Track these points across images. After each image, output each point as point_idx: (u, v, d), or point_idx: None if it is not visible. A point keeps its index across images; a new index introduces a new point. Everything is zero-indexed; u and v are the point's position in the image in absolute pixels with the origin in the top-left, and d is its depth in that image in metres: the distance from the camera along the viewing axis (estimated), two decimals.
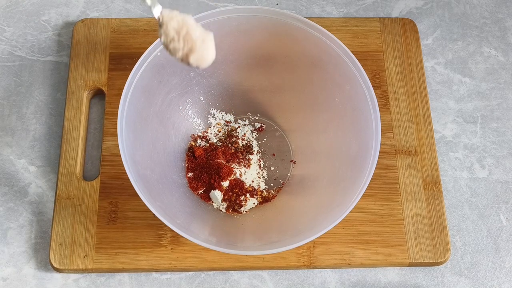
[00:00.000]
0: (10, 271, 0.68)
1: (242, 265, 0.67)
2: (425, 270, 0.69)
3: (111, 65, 0.76)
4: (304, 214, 0.65)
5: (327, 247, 0.67)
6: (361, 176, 0.59)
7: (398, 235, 0.68)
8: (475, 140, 0.76)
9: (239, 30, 0.65)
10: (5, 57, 0.79)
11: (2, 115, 0.76)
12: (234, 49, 0.68)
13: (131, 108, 0.61)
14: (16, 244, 0.69)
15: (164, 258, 0.67)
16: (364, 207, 0.69)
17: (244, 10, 0.64)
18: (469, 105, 0.78)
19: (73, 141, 0.72)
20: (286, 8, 0.84)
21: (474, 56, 0.81)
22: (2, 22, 0.81)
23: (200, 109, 0.72)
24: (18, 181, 0.72)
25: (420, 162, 0.72)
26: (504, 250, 0.70)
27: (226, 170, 0.68)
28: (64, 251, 0.67)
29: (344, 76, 0.64)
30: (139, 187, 0.57)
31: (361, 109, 0.62)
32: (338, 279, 0.68)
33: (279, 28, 0.65)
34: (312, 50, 0.65)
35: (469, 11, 0.84)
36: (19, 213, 0.70)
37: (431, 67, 0.80)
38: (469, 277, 0.69)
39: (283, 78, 0.71)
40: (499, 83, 0.79)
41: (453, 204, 0.72)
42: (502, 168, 0.74)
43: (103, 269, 0.66)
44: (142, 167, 0.62)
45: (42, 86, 0.78)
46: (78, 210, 0.69)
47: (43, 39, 0.81)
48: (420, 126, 0.74)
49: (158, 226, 0.67)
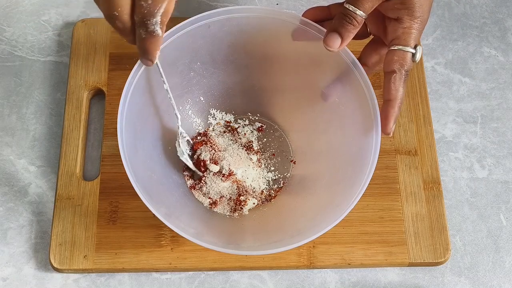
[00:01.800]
0: (10, 271, 0.68)
1: (242, 265, 0.67)
2: (425, 270, 0.69)
3: (111, 65, 0.76)
4: (304, 214, 0.65)
5: (327, 247, 0.67)
6: (361, 176, 0.59)
7: (398, 235, 0.68)
8: (475, 140, 0.76)
9: (239, 30, 0.65)
10: (5, 57, 0.79)
11: (2, 115, 0.76)
12: (234, 49, 0.68)
13: (131, 108, 0.61)
14: (16, 244, 0.69)
15: (164, 258, 0.67)
16: (364, 207, 0.69)
17: (244, 10, 0.64)
18: (469, 105, 0.78)
19: (73, 141, 0.72)
20: (286, 8, 0.84)
21: (474, 56, 0.81)
22: (2, 22, 0.81)
23: (200, 109, 0.72)
24: (18, 181, 0.72)
25: (420, 162, 0.72)
26: (504, 250, 0.70)
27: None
28: (64, 251, 0.67)
29: (344, 76, 0.64)
30: (139, 187, 0.57)
31: (361, 109, 0.62)
32: (338, 279, 0.68)
33: (279, 28, 0.65)
34: (312, 50, 0.65)
35: (469, 11, 0.84)
36: (19, 213, 0.70)
37: (431, 67, 0.80)
38: (469, 277, 0.69)
39: (283, 78, 0.70)
40: (499, 83, 0.79)
41: (453, 204, 0.72)
42: (502, 168, 0.74)
43: (103, 269, 0.66)
44: (142, 167, 0.62)
45: (42, 86, 0.78)
46: (78, 210, 0.69)
47: (43, 39, 0.81)
48: (420, 126, 0.74)
49: (158, 226, 0.67)
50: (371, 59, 0.64)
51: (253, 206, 0.69)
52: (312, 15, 0.64)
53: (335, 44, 0.59)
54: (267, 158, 0.72)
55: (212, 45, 0.66)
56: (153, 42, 0.54)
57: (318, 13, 0.65)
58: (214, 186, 0.68)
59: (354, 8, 0.58)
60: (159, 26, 0.52)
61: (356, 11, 0.58)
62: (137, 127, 0.62)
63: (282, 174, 0.71)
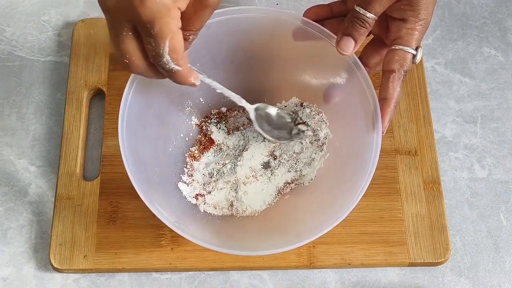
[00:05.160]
0: (10, 271, 0.68)
1: (242, 265, 0.67)
2: (425, 270, 0.69)
3: (111, 65, 0.76)
4: (304, 214, 0.65)
5: (327, 247, 0.67)
6: (361, 176, 0.59)
7: (398, 235, 0.68)
8: (475, 140, 0.76)
9: (239, 30, 0.65)
10: (5, 57, 0.79)
11: (2, 115, 0.76)
12: (234, 49, 0.68)
13: (131, 109, 0.61)
14: (16, 244, 0.69)
15: (164, 258, 0.67)
16: (364, 207, 0.69)
17: (244, 10, 0.64)
18: (469, 105, 0.78)
19: (73, 141, 0.72)
20: (286, 8, 0.84)
21: (474, 56, 0.81)
22: (2, 22, 0.81)
23: (200, 110, 0.72)
24: (18, 181, 0.72)
25: (420, 162, 0.72)
26: (504, 250, 0.70)
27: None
28: (64, 251, 0.67)
29: (345, 75, 0.64)
30: (139, 187, 0.57)
31: (362, 110, 0.62)
32: (338, 279, 0.68)
33: (279, 28, 0.65)
34: (313, 50, 0.65)
35: (469, 11, 0.84)
36: (19, 213, 0.70)
37: (431, 67, 0.80)
38: (469, 277, 0.69)
39: (283, 78, 0.70)
40: (499, 83, 0.79)
41: (453, 204, 0.72)
42: (502, 168, 0.74)
43: (103, 269, 0.66)
44: (142, 167, 0.62)
45: (42, 86, 0.78)
46: (78, 210, 0.69)
47: (43, 39, 0.81)
48: (420, 126, 0.74)
49: (158, 226, 0.67)
50: (372, 60, 0.64)
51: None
52: (313, 13, 0.64)
53: (349, 48, 0.59)
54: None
55: (211, 45, 0.66)
56: (178, 76, 0.53)
57: (320, 12, 0.65)
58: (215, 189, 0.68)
59: (364, 11, 0.58)
60: (172, 64, 0.51)
61: (367, 14, 0.58)
62: (137, 127, 0.62)
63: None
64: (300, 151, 0.69)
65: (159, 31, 0.48)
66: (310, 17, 0.64)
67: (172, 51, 0.50)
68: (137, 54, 0.51)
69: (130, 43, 0.50)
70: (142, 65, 0.52)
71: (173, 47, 0.49)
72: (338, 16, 0.65)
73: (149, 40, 0.49)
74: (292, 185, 0.69)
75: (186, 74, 0.53)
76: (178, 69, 0.52)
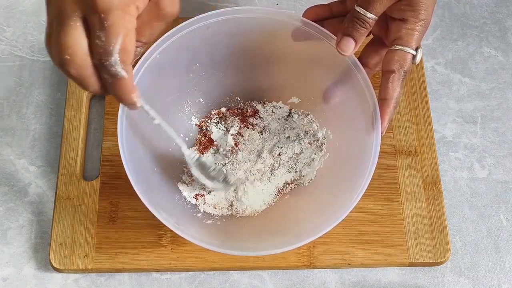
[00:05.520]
0: (10, 271, 0.68)
1: (242, 265, 0.67)
2: (425, 270, 0.69)
3: None
4: (304, 214, 0.65)
5: (327, 247, 0.67)
6: (361, 176, 0.59)
7: (398, 235, 0.68)
8: (475, 140, 0.76)
9: (239, 30, 0.65)
10: (5, 57, 0.79)
11: (2, 115, 0.76)
12: (234, 50, 0.68)
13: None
14: (16, 244, 0.69)
15: (164, 258, 0.67)
16: (364, 207, 0.69)
17: (244, 10, 0.64)
18: (469, 105, 0.78)
19: (73, 141, 0.72)
20: (286, 8, 0.84)
21: (474, 56, 0.81)
22: (2, 22, 0.82)
23: (200, 110, 0.72)
24: (18, 181, 0.72)
25: (420, 162, 0.72)
26: (504, 250, 0.70)
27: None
28: (64, 251, 0.67)
29: (344, 75, 0.64)
30: (139, 187, 0.57)
31: (362, 110, 0.62)
32: (338, 279, 0.68)
33: (279, 28, 0.65)
34: (312, 50, 0.65)
35: (469, 11, 0.84)
36: (19, 213, 0.70)
37: (431, 67, 0.80)
38: (469, 277, 0.69)
39: (283, 78, 0.70)
40: (499, 83, 0.79)
41: (453, 204, 0.72)
42: (502, 168, 0.74)
43: (103, 269, 0.67)
44: (142, 167, 0.62)
45: (42, 86, 0.78)
46: (78, 210, 0.69)
47: (43, 39, 0.80)
48: (420, 126, 0.74)
49: (158, 226, 0.67)
50: (371, 60, 0.64)
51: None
52: (313, 13, 0.64)
53: (350, 49, 0.59)
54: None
55: (211, 46, 0.66)
56: (121, 86, 0.47)
57: (320, 12, 0.65)
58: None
59: (365, 11, 0.58)
60: (120, 66, 0.46)
61: (367, 14, 0.57)
62: (137, 127, 0.62)
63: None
64: (300, 151, 0.69)
65: (112, 24, 0.44)
66: (310, 17, 0.63)
67: (123, 52, 0.45)
68: (82, 50, 0.45)
69: (76, 35, 0.45)
70: (84, 65, 0.46)
71: (125, 47, 0.45)
72: (338, 16, 0.64)
73: (99, 34, 0.44)
74: (292, 185, 0.69)
75: (131, 86, 0.48)
76: (124, 75, 0.46)
